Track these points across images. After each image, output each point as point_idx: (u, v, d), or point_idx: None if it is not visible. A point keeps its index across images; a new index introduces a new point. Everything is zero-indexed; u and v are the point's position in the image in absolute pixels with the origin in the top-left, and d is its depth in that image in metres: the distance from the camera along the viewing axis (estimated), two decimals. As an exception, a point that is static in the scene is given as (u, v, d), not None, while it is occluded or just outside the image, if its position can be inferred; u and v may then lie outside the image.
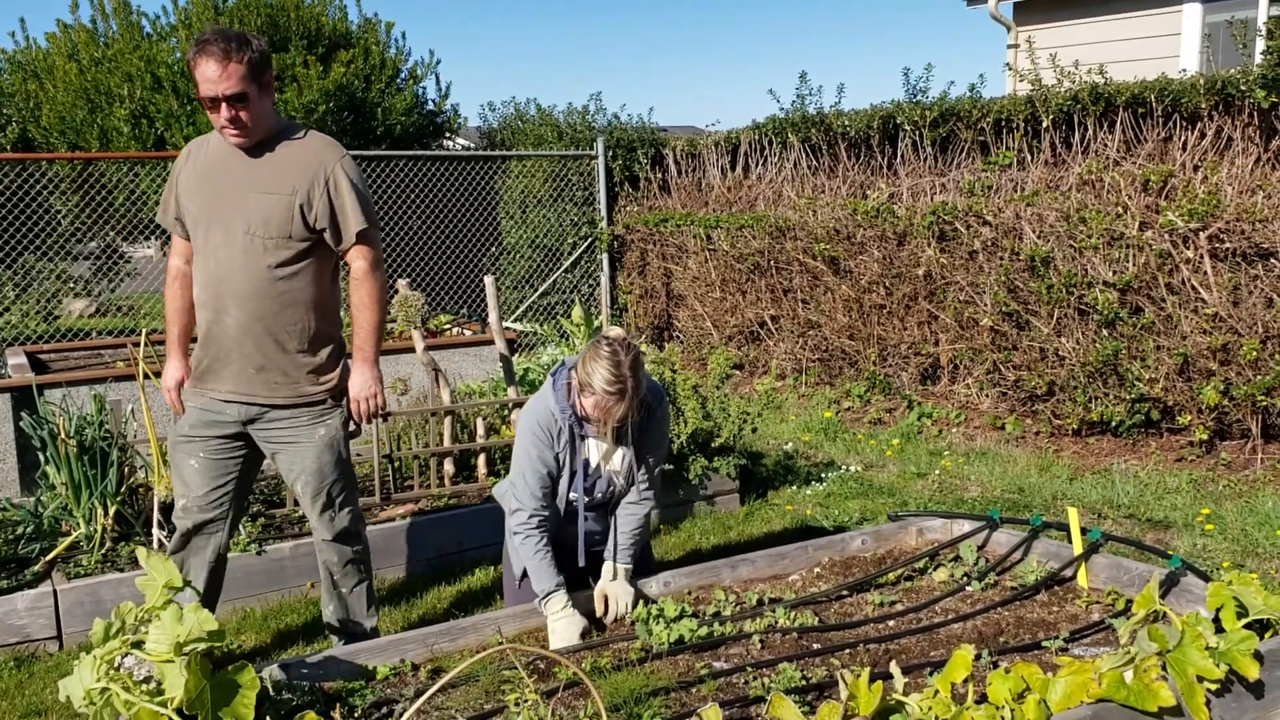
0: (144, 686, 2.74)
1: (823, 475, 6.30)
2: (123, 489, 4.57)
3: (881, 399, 8.04)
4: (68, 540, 4.49)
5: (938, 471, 6.37)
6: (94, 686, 2.77)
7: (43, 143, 10.05)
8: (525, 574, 3.73)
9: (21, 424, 4.66)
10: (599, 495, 3.64)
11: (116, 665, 2.82)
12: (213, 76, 3.32)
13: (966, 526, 4.20)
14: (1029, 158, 7.83)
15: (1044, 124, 7.67)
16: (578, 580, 3.75)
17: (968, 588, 3.79)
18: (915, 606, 3.65)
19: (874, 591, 3.80)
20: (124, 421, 4.67)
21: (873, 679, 2.71)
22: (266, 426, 3.63)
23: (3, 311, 9.24)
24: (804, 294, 8.84)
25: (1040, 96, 7.68)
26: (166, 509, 4.70)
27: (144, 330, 5.15)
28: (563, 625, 3.40)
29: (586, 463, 3.56)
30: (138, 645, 2.80)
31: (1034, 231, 6.84)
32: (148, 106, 9.59)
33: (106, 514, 4.52)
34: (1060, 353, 6.73)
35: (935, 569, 3.97)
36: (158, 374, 4.63)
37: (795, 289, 8.91)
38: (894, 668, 2.84)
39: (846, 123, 9.07)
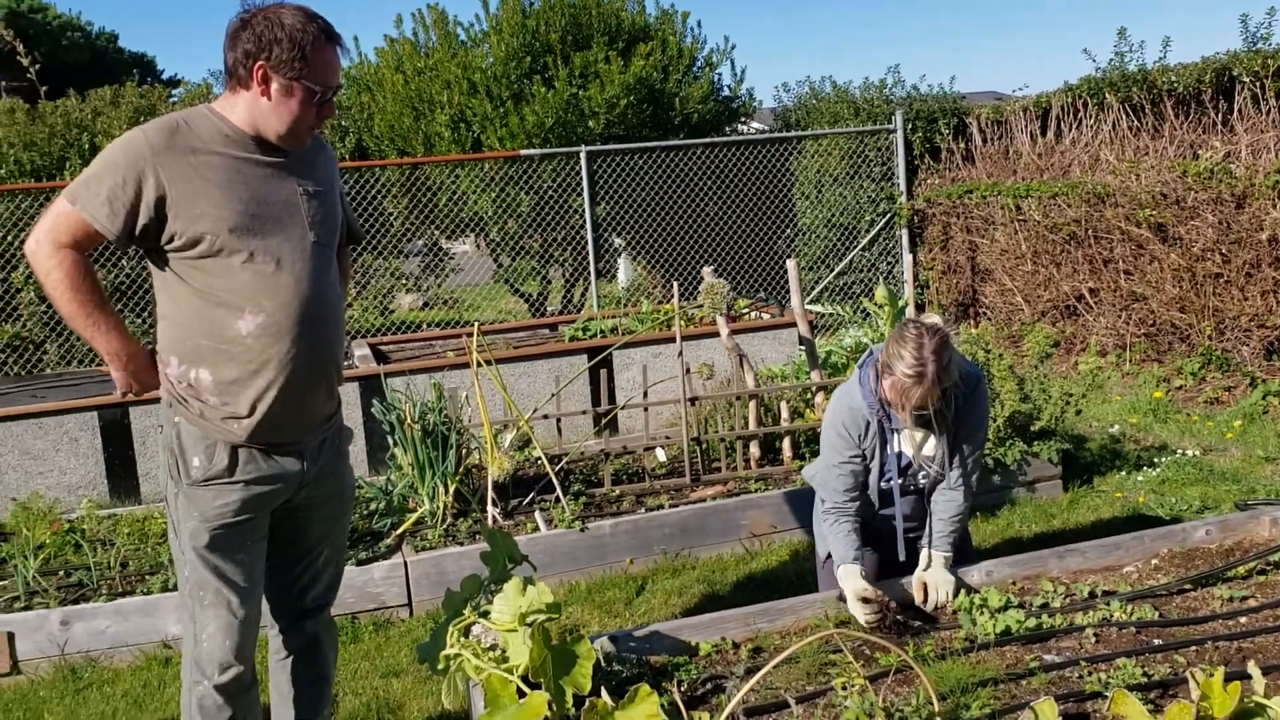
0: (490, 654, 2.96)
1: (1154, 460, 5.88)
2: (460, 469, 4.95)
3: (1218, 376, 7.39)
4: (414, 516, 4.91)
5: (1289, 455, 5.80)
6: (448, 652, 3.02)
7: (375, 150, 10.97)
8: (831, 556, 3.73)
9: (372, 409, 5.13)
10: (913, 484, 3.57)
11: (466, 633, 3.06)
12: (337, 65, 2.72)
13: (1330, 516, 3.80)
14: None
15: None
16: (897, 573, 3.70)
17: (1335, 584, 3.44)
18: (1272, 602, 3.35)
19: (1222, 586, 3.52)
20: (459, 407, 5.05)
21: (1228, 679, 2.51)
22: (316, 479, 2.88)
23: (347, 307, 10.21)
24: (1126, 264, 8.26)
25: None
26: (500, 488, 5.04)
27: (476, 322, 5.53)
28: (848, 591, 3.37)
29: (900, 455, 3.50)
30: (484, 615, 3.03)
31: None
32: (465, 111, 10.26)
33: (447, 492, 4.90)
34: None
35: (1294, 563, 3.62)
36: (489, 362, 4.98)
37: (1116, 259, 8.34)
38: (1252, 667, 2.62)
39: (1173, 78, 8.38)
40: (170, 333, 2.66)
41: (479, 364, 5.05)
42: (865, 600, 3.32)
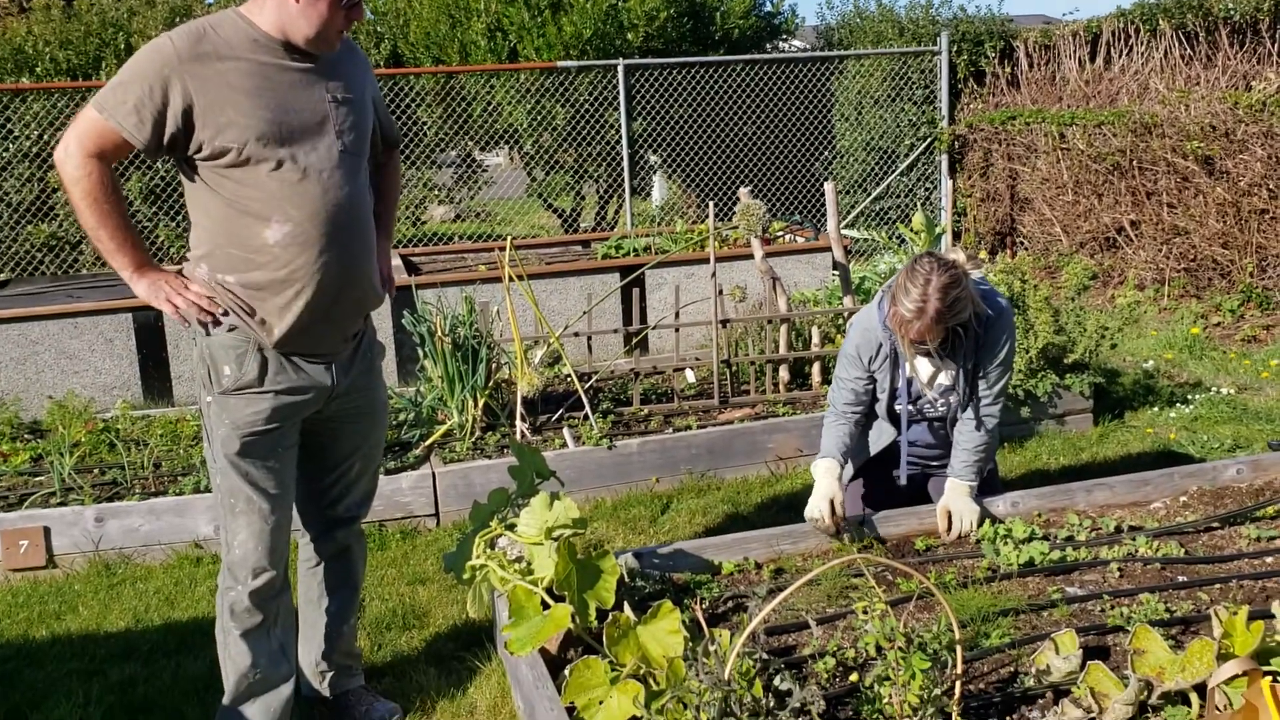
0: (515, 566, 3.00)
1: (1188, 397, 5.82)
2: (490, 384, 4.97)
3: (1258, 314, 7.28)
4: (443, 429, 4.94)
5: (1325, 397, 5.73)
6: (474, 562, 3.06)
7: (410, 58, 10.82)
8: (854, 476, 3.76)
9: (403, 321, 5.14)
10: (927, 411, 3.57)
11: (492, 544, 3.10)
12: None
13: (1365, 460, 3.76)
14: None
15: None
16: (897, 500, 3.72)
17: (1365, 528, 3.42)
18: (1301, 545, 3.33)
19: (1250, 525, 3.51)
20: (490, 322, 5.05)
21: (1251, 617, 2.51)
22: (346, 392, 2.87)
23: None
24: (1170, 197, 8.09)
25: None
26: (529, 403, 5.07)
27: (508, 237, 5.51)
28: (819, 486, 3.45)
29: (911, 381, 3.51)
30: (510, 528, 3.07)
31: None
32: (501, 19, 10.09)
33: (476, 405, 4.93)
34: None
35: (1325, 505, 3.60)
36: (521, 278, 4.97)
37: (1160, 191, 8.18)
38: (1276, 607, 2.62)
39: (1230, 5, 8.11)
40: (200, 241, 2.66)
41: (510, 279, 5.04)
42: (831, 507, 3.41)
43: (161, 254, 9.10)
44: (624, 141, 9.61)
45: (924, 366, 3.50)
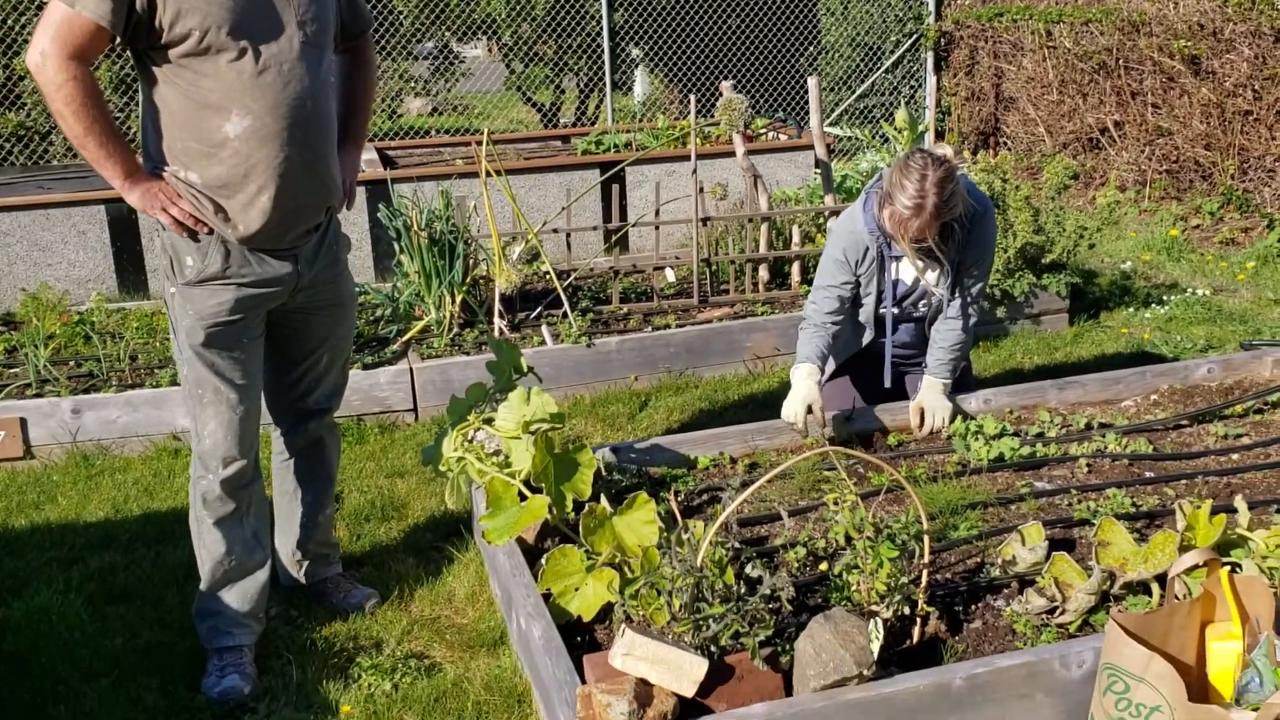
0: (493, 459, 3.02)
1: (1164, 298, 5.85)
2: (467, 280, 4.94)
3: (1237, 217, 7.29)
4: (420, 324, 4.93)
5: (1299, 299, 5.77)
6: (452, 455, 3.08)
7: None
8: (831, 376, 3.77)
9: (379, 215, 5.08)
10: (910, 313, 3.57)
11: (470, 438, 3.12)
12: None
13: (1334, 360, 3.81)
14: None
15: None
16: (874, 399, 3.75)
17: (1330, 426, 3.48)
18: (1265, 441, 3.40)
19: (1218, 423, 3.56)
20: (467, 217, 5.00)
21: (1214, 511, 2.57)
22: (311, 285, 2.84)
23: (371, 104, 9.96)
24: (1155, 97, 8.02)
25: None
26: (507, 300, 5.05)
27: (486, 130, 5.42)
28: (797, 390, 3.43)
29: (898, 283, 3.49)
30: (488, 422, 3.08)
31: None
32: (480, -94, 9.79)
33: (454, 302, 4.91)
34: None
35: (1292, 404, 3.65)
36: (499, 172, 4.90)
37: (1145, 91, 8.10)
38: (1239, 501, 2.68)
39: (1225, -102, 7.93)
40: (159, 135, 2.60)
41: (488, 174, 4.97)
42: (809, 411, 3.40)
43: (138, 146, 8.91)
44: (605, 33, 9.41)
45: (908, 267, 3.47)
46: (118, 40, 2.48)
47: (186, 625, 3.04)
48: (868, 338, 3.63)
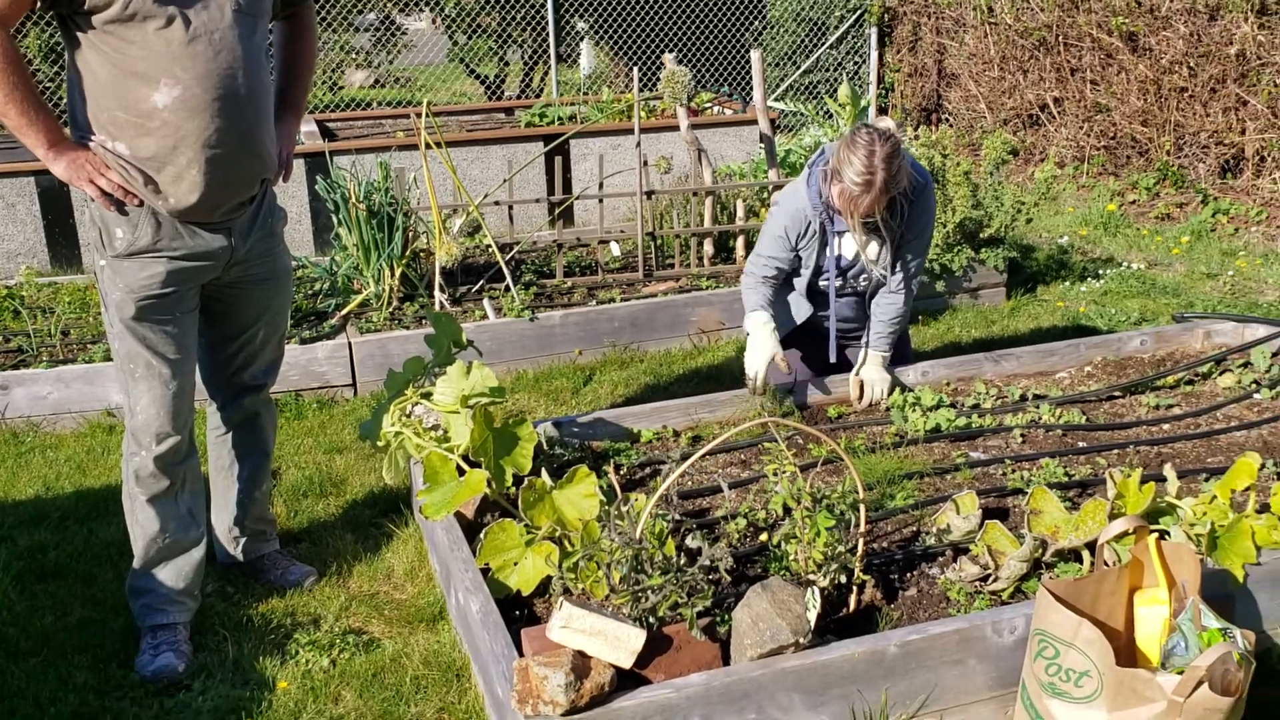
0: (431, 434, 3.00)
1: (1100, 272, 5.95)
2: (407, 253, 4.88)
3: (1172, 192, 7.41)
4: (359, 298, 4.87)
5: (1230, 273, 5.88)
6: (389, 430, 3.05)
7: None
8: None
9: (317, 187, 5.00)
10: (851, 287, 3.58)
11: (408, 413, 3.09)
12: None
13: (1261, 331, 3.90)
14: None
15: None
16: (828, 374, 3.77)
17: (1256, 395, 3.56)
18: (1195, 411, 3.47)
19: (1150, 394, 3.63)
20: (406, 189, 4.94)
21: (1144, 480, 2.62)
22: (245, 259, 2.78)
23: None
24: (1094, 74, 8.12)
25: None
26: (448, 274, 5.00)
27: (425, 101, 5.34)
28: (758, 342, 3.46)
29: (839, 258, 3.50)
30: (426, 396, 3.05)
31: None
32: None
33: (393, 275, 4.86)
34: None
35: (1221, 374, 3.74)
36: (439, 144, 4.84)
37: (1084, 68, 8.20)
38: (1168, 470, 2.73)
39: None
40: (85, 103, 2.52)
41: (429, 145, 4.91)
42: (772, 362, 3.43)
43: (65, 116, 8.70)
44: (550, 5, 9.33)
45: (850, 242, 3.48)
46: (38, 4, 2.40)
47: (120, 603, 2.99)
48: (805, 313, 3.64)
